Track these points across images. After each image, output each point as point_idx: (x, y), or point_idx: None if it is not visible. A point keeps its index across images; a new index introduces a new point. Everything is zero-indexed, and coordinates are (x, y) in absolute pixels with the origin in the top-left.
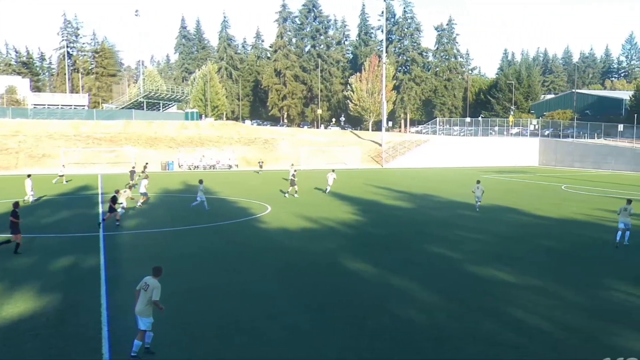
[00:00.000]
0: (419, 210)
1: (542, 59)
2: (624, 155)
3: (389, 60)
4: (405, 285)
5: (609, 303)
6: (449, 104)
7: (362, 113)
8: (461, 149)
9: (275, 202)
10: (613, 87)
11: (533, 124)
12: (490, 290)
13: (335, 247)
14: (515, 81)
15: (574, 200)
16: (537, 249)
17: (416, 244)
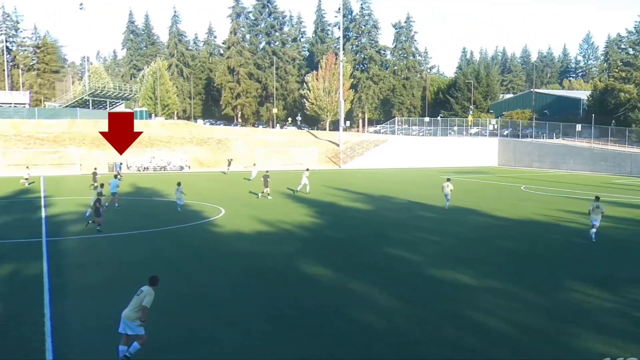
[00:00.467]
0: (377, 212)
1: (500, 58)
2: (582, 155)
3: (346, 58)
4: (364, 290)
5: (568, 304)
6: (408, 103)
7: (319, 112)
8: (420, 149)
9: (229, 205)
10: (571, 86)
11: (492, 123)
12: (450, 294)
13: (292, 251)
14: (474, 80)
15: (532, 201)
16: (497, 251)
17: (375, 246)
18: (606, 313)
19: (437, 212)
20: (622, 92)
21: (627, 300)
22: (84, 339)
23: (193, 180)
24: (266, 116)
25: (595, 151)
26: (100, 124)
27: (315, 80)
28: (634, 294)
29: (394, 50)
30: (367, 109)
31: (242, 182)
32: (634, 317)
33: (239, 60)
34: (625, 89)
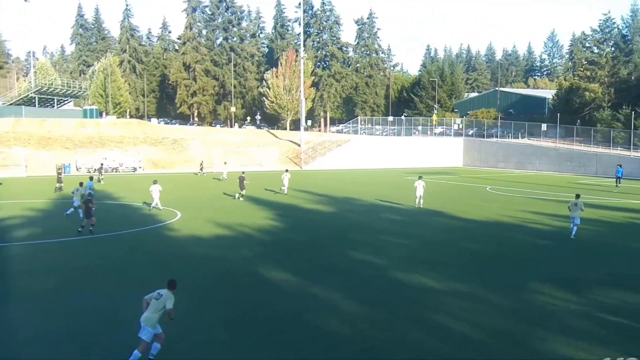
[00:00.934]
0: (340, 214)
1: (465, 56)
2: (548, 155)
3: (307, 55)
4: (327, 295)
5: (534, 306)
6: (371, 102)
7: (279, 111)
8: (384, 149)
9: (185, 208)
10: (536, 85)
11: (457, 123)
12: (416, 297)
13: (251, 255)
14: (438, 79)
15: (498, 202)
16: (462, 253)
17: (338, 250)
18: (572, 315)
19: (401, 214)
20: (587, 92)
21: (593, 302)
22: (28, 349)
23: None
24: (224, 115)
25: (560, 151)
26: (47, 123)
27: (275, 78)
28: (599, 295)
29: (356, 47)
30: (329, 107)
31: (203, 184)
32: (599, 318)
33: (195, 57)
34: (590, 88)
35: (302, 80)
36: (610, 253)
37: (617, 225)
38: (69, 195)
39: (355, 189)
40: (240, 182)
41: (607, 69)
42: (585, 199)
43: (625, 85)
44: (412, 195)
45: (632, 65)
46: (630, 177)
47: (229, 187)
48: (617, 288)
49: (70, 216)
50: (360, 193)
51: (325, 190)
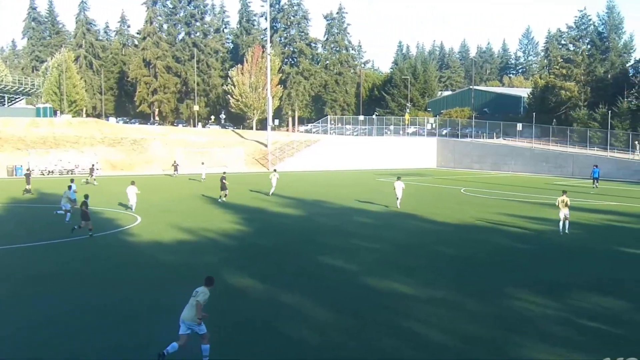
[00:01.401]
0: (309, 217)
1: (438, 53)
2: (523, 155)
3: (274, 51)
4: (296, 302)
5: (511, 312)
6: (341, 100)
7: (245, 110)
8: (354, 150)
9: (146, 212)
10: (511, 83)
11: (430, 122)
12: (388, 304)
13: (216, 261)
14: (410, 76)
15: (473, 204)
16: (437, 257)
17: (307, 255)
18: (550, 321)
19: (373, 216)
20: (563, 90)
21: (571, 307)
22: None
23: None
24: (186, 114)
25: (536, 151)
26: None
27: (240, 75)
28: (577, 300)
29: (325, 44)
30: (297, 106)
31: (173, 186)
32: (578, 324)
33: (155, 52)
34: (566, 86)
35: (269, 78)
36: (588, 257)
37: (595, 227)
38: (30, 198)
39: (325, 191)
40: (222, 183)
41: (583, 67)
42: None
43: (602, 83)
44: (383, 197)
45: (609, 63)
46: (607, 178)
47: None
48: (596, 292)
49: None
50: (330, 195)
51: (293, 192)
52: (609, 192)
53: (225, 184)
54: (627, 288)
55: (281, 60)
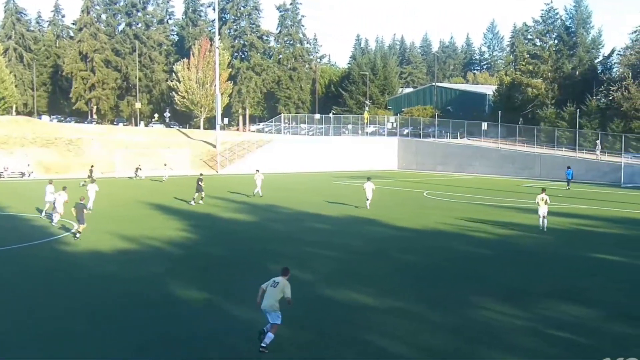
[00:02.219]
0: (262, 224)
1: (399, 48)
2: (489, 157)
3: (223, 44)
4: (249, 315)
5: (477, 323)
6: (295, 97)
7: (192, 108)
8: (310, 151)
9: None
10: (475, 80)
11: (391, 121)
12: (347, 316)
13: (162, 272)
14: (369, 72)
15: (436, 208)
16: (398, 265)
17: (260, 264)
18: (518, 331)
19: (329, 222)
20: (529, 87)
21: (539, 317)
22: None
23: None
24: (127, 112)
25: (502, 152)
26: None
27: (186, 70)
28: (545, 309)
29: (278, 37)
30: (249, 104)
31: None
32: (547, 335)
33: (93, 45)
34: (533, 83)
35: (218, 73)
36: (556, 263)
37: (563, 232)
38: None
39: (278, 195)
40: (198, 185)
41: (550, 63)
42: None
43: (570, 80)
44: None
45: (577, 59)
46: (576, 180)
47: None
48: (565, 301)
49: None
50: (284, 200)
51: (244, 197)
52: (578, 195)
53: (201, 186)
54: (597, 296)
55: (231, 54)
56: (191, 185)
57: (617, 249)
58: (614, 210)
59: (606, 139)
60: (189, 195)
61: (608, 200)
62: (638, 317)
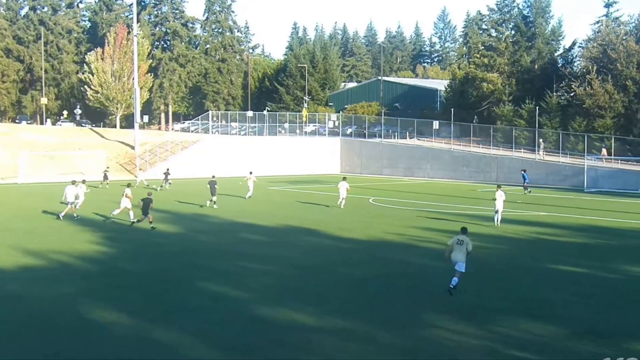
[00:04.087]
0: (189, 235)
1: (341, 38)
2: (441, 159)
3: (143, 32)
4: (173, 339)
5: (430, 343)
6: (225, 92)
7: (107, 104)
8: (242, 152)
9: None
10: (426, 74)
11: (332, 120)
12: (286, 338)
13: (72, 292)
14: (308, 64)
15: (384, 217)
16: (343, 281)
17: (188, 282)
18: (474, 352)
19: (265, 233)
20: (484, 82)
21: (498, 336)
22: None
23: None
24: (32, 108)
25: (455, 154)
26: None
27: (100, 61)
28: (505, 327)
29: (205, 24)
30: (172, 99)
31: (11, 198)
32: (506, 355)
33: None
34: (488, 78)
35: (136, 65)
36: (516, 276)
37: (522, 242)
38: None
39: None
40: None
41: (507, 55)
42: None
43: (528, 75)
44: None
45: (535, 51)
46: (536, 184)
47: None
48: (525, 317)
49: None
50: (213, 208)
51: (168, 205)
52: (538, 201)
53: (215, 189)
54: (559, 311)
55: (151, 44)
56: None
57: (581, 259)
58: (576, 217)
59: (568, 139)
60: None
61: (570, 206)
62: (606, 335)
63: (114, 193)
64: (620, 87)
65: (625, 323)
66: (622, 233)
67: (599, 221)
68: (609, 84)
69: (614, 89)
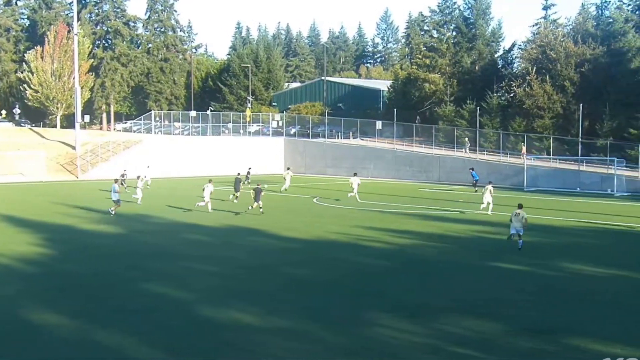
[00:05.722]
0: (131, 236)
1: (284, 38)
2: (384, 158)
3: (83, 30)
4: (116, 342)
5: (374, 342)
6: (168, 92)
7: (47, 104)
8: (185, 152)
9: None
10: (369, 75)
11: (276, 120)
12: (228, 339)
13: (12, 294)
14: (252, 64)
15: (329, 217)
16: (287, 281)
17: (129, 283)
18: (417, 349)
19: (208, 233)
20: (426, 83)
21: (440, 333)
22: None
23: None
24: None
25: (398, 153)
26: None
27: (39, 60)
28: (446, 324)
29: (147, 23)
30: (114, 99)
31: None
32: (449, 352)
33: None
34: (430, 78)
35: (77, 64)
36: (458, 274)
37: (464, 240)
38: None
39: (149, 203)
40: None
41: (448, 56)
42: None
43: (469, 76)
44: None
45: (476, 52)
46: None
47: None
48: (467, 315)
49: None
50: (156, 208)
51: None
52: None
53: (240, 186)
54: (501, 309)
55: (92, 43)
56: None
57: (521, 257)
58: None
59: (508, 139)
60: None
61: (510, 205)
62: (545, 331)
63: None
64: (558, 88)
65: (563, 319)
66: (560, 231)
67: (538, 219)
68: (548, 84)
69: (552, 90)
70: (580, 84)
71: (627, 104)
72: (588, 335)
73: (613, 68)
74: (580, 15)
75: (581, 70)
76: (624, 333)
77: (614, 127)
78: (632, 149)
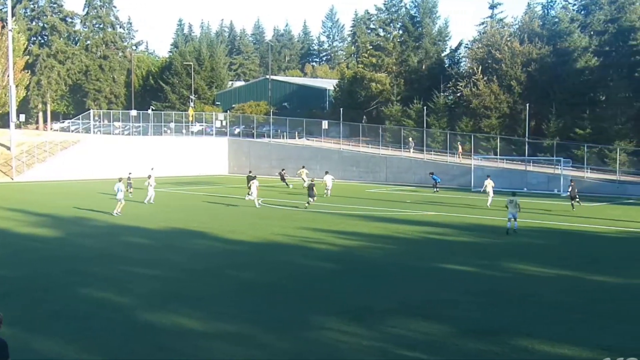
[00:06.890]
0: (69, 240)
1: (228, 35)
2: (330, 159)
3: (18, 26)
4: (56, 349)
5: (320, 345)
6: (107, 91)
7: None
8: (126, 153)
9: None
10: (314, 73)
11: (220, 119)
12: (171, 344)
13: None
14: (194, 62)
15: (273, 218)
16: (230, 284)
17: (68, 288)
18: (365, 353)
19: (151, 237)
20: (373, 82)
21: (388, 336)
22: None
23: None
24: None
25: (345, 154)
26: None
27: None
28: (394, 327)
29: (85, 19)
30: (50, 97)
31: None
32: (396, 355)
33: None
34: (377, 78)
35: (11, 61)
36: (405, 276)
37: (411, 242)
38: None
39: (88, 204)
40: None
41: (395, 55)
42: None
43: (416, 75)
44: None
45: (423, 51)
46: (425, 184)
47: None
48: (415, 317)
49: None
50: (95, 210)
51: (47, 208)
52: (425, 200)
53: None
54: (448, 310)
55: (27, 39)
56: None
57: (468, 258)
58: (463, 216)
59: (455, 139)
60: None
61: (457, 205)
62: (491, 332)
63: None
64: (505, 88)
65: (511, 320)
66: (507, 231)
67: (485, 220)
68: (495, 84)
69: (499, 90)
70: (526, 84)
71: (573, 104)
72: (534, 336)
73: (559, 68)
74: (527, 15)
75: (528, 69)
76: (569, 333)
77: (560, 127)
78: (578, 149)
